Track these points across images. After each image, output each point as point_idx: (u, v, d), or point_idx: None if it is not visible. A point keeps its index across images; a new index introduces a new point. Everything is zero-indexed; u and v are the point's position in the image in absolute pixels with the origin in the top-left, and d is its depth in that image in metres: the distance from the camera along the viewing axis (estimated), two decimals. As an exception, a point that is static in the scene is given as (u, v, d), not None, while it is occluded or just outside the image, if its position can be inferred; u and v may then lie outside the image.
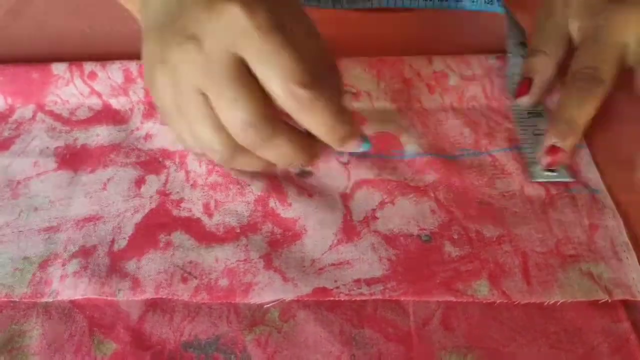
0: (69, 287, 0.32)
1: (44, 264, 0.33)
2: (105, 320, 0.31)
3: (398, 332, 0.30)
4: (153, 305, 0.32)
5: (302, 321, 0.31)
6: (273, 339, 0.30)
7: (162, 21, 0.30)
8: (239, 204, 0.35)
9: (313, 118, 0.30)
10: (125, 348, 0.30)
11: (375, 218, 0.34)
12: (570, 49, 0.39)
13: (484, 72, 0.41)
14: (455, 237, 0.33)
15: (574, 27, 0.39)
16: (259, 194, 0.35)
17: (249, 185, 0.36)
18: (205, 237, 0.34)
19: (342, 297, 0.31)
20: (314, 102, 0.29)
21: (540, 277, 0.31)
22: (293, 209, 0.35)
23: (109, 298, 0.32)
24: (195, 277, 0.32)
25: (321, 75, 0.29)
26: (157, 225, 0.34)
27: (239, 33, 0.28)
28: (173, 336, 0.31)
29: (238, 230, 0.34)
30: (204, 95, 0.29)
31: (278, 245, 0.33)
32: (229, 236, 0.34)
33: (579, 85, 0.36)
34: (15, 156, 0.38)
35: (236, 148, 0.30)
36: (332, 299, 0.31)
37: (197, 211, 0.35)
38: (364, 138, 0.33)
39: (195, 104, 0.29)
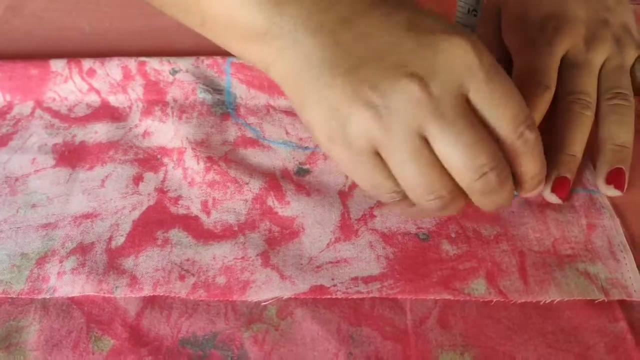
0: (66, 284, 0.32)
1: (41, 261, 0.33)
2: (103, 317, 0.31)
3: (395, 330, 0.30)
4: (151, 302, 0.32)
5: (299, 319, 0.31)
6: (270, 337, 0.30)
7: (350, 65, 0.27)
8: (237, 202, 0.35)
9: (532, 160, 0.29)
10: (122, 344, 0.30)
11: (373, 216, 0.34)
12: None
13: None
14: (453, 235, 0.33)
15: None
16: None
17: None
18: (202, 234, 0.34)
19: (340, 295, 0.31)
20: (538, 144, 0.29)
21: (537, 276, 0.32)
22: (291, 207, 0.35)
23: (106, 295, 0.32)
24: (193, 275, 0.32)
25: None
26: (154, 223, 0.34)
27: (466, 72, 0.27)
28: (170, 333, 0.31)
29: (236, 228, 0.34)
30: (423, 137, 0.27)
31: (276, 243, 0.33)
32: (226, 234, 0.34)
33: (616, 110, 0.36)
34: (13, 152, 0.38)
35: (459, 193, 0.29)
36: (329, 297, 0.31)
37: (195, 209, 0.35)
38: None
39: (413, 147, 0.27)
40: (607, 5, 0.40)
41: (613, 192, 0.35)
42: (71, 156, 0.38)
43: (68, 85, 0.42)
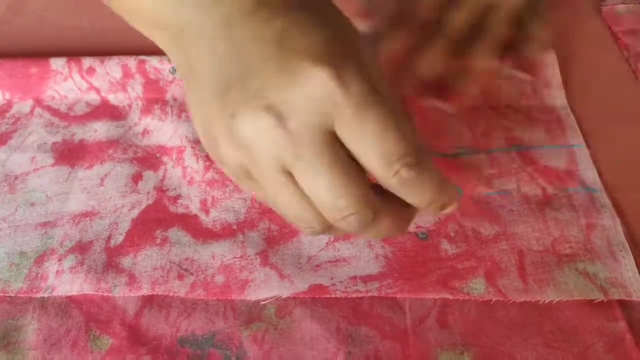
0: (64, 282, 0.32)
1: (40, 259, 0.33)
2: (102, 316, 0.31)
3: (394, 330, 0.30)
4: (150, 301, 0.32)
5: (298, 318, 0.31)
6: (269, 336, 0.30)
7: (221, 83, 0.25)
8: (236, 200, 0.35)
9: (417, 195, 0.26)
10: (121, 343, 0.30)
11: None
12: None
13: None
14: (452, 234, 0.33)
15: None
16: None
17: None
18: (201, 233, 0.34)
19: (339, 295, 0.31)
20: (418, 180, 0.25)
21: (537, 276, 0.31)
22: None
23: (105, 294, 0.32)
24: (192, 274, 0.32)
25: (418, 145, 0.25)
26: (153, 221, 0.34)
27: (330, 107, 0.24)
28: (169, 332, 0.31)
29: (235, 227, 0.34)
30: (287, 172, 0.25)
31: (274, 242, 0.33)
32: (225, 233, 0.34)
33: None
34: (13, 151, 0.38)
35: (330, 225, 0.27)
36: (328, 296, 0.31)
37: (194, 208, 0.35)
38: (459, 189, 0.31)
39: (277, 181, 0.25)
40: None
41: None
42: (70, 155, 0.38)
43: (68, 84, 0.42)
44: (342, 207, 0.25)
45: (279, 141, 0.24)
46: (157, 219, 0.35)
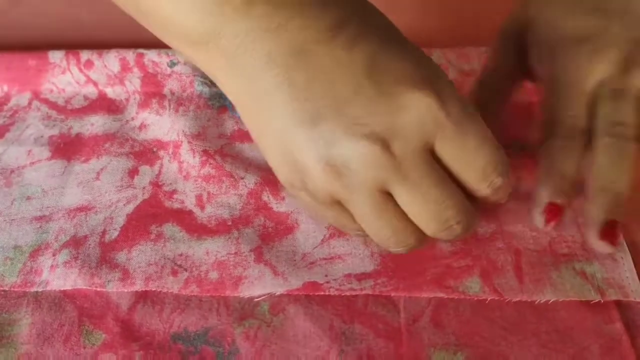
0: (58, 277, 0.32)
1: (34, 254, 0.33)
2: (95, 311, 0.31)
3: (388, 328, 0.30)
4: (143, 297, 0.32)
5: (292, 315, 0.31)
6: (262, 333, 0.30)
7: (308, 113, 0.25)
8: (231, 196, 0.35)
9: (498, 199, 0.29)
10: (114, 338, 0.30)
11: None
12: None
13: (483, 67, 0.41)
14: (448, 233, 0.33)
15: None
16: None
17: None
18: (196, 229, 0.34)
19: (332, 292, 0.31)
20: (504, 185, 0.28)
21: (533, 275, 0.31)
22: (286, 203, 0.35)
23: (98, 289, 0.31)
24: (186, 270, 0.32)
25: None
26: (148, 217, 0.34)
27: (432, 127, 0.25)
28: (162, 328, 0.31)
29: (230, 223, 0.34)
30: (386, 192, 0.27)
31: (269, 239, 0.33)
32: (220, 229, 0.34)
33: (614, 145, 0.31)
34: (10, 144, 0.38)
35: (425, 237, 0.28)
36: (322, 293, 0.31)
37: (190, 203, 0.35)
38: None
39: (378, 204, 0.27)
40: None
41: (607, 248, 0.31)
42: (67, 148, 0.38)
43: (66, 77, 0.41)
44: (449, 217, 0.27)
45: (384, 165, 0.25)
46: (152, 214, 0.34)
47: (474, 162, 0.26)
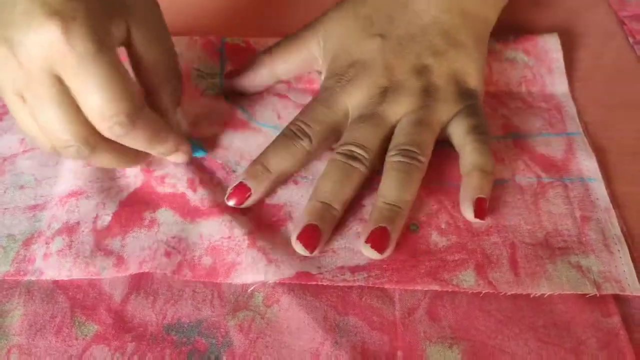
0: (52, 266, 0.31)
1: (27, 242, 0.33)
2: (88, 302, 0.31)
3: (383, 321, 0.30)
4: (136, 288, 0.31)
5: (285, 306, 0.30)
6: (255, 325, 0.30)
7: None
8: (224, 188, 0.35)
9: (130, 145, 0.31)
10: (106, 330, 0.30)
11: (362, 206, 0.34)
12: None
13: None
14: (443, 226, 0.33)
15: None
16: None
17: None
18: (189, 212, 0.33)
19: (325, 282, 0.31)
20: (129, 137, 0.29)
21: (529, 269, 0.31)
22: (278, 196, 0.34)
23: (94, 277, 0.31)
24: (179, 252, 0.32)
25: (138, 106, 0.29)
26: (142, 203, 0.34)
27: (55, 54, 0.26)
28: (155, 319, 0.30)
29: (223, 206, 0.33)
30: (22, 97, 0.28)
31: (263, 227, 0.33)
32: (213, 211, 0.33)
33: (396, 167, 0.33)
34: (3, 133, 0.38)
35: (97, 141, 0.29)
36: (315, 283, 0.31)
37: (182, 186, 0.34)
38: (196, 147, 0.35)
39: (15, 103, 0.29)
40: (435, 49, 0.36)
41: (371, 253, 0.31)
42: (60, 137, 0.37)
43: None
44: (64, 140, 0.28)
45: (13, 69, 0.27)
46: (145, 200, 0.34)
47: (90, 102, 0.28)
